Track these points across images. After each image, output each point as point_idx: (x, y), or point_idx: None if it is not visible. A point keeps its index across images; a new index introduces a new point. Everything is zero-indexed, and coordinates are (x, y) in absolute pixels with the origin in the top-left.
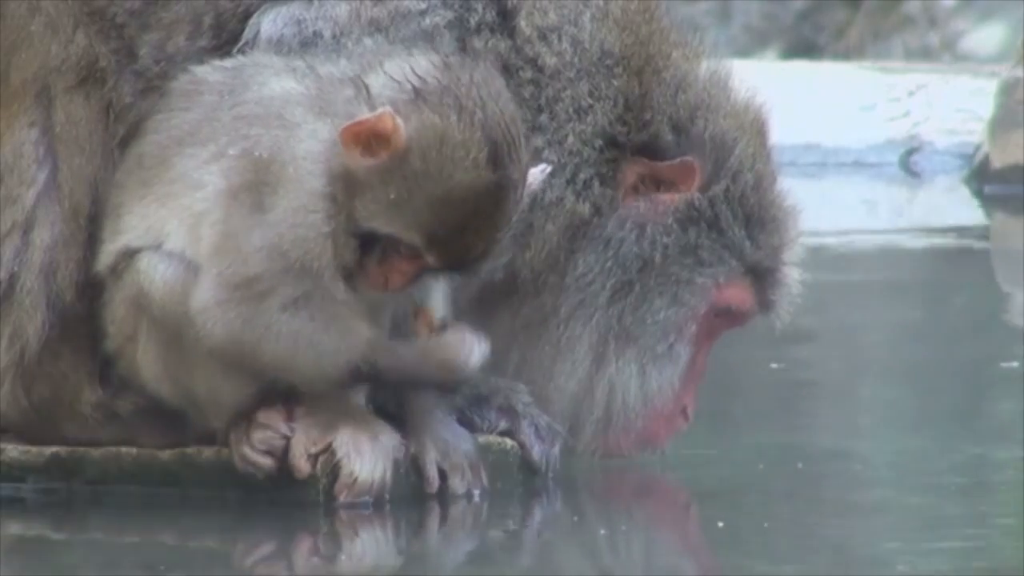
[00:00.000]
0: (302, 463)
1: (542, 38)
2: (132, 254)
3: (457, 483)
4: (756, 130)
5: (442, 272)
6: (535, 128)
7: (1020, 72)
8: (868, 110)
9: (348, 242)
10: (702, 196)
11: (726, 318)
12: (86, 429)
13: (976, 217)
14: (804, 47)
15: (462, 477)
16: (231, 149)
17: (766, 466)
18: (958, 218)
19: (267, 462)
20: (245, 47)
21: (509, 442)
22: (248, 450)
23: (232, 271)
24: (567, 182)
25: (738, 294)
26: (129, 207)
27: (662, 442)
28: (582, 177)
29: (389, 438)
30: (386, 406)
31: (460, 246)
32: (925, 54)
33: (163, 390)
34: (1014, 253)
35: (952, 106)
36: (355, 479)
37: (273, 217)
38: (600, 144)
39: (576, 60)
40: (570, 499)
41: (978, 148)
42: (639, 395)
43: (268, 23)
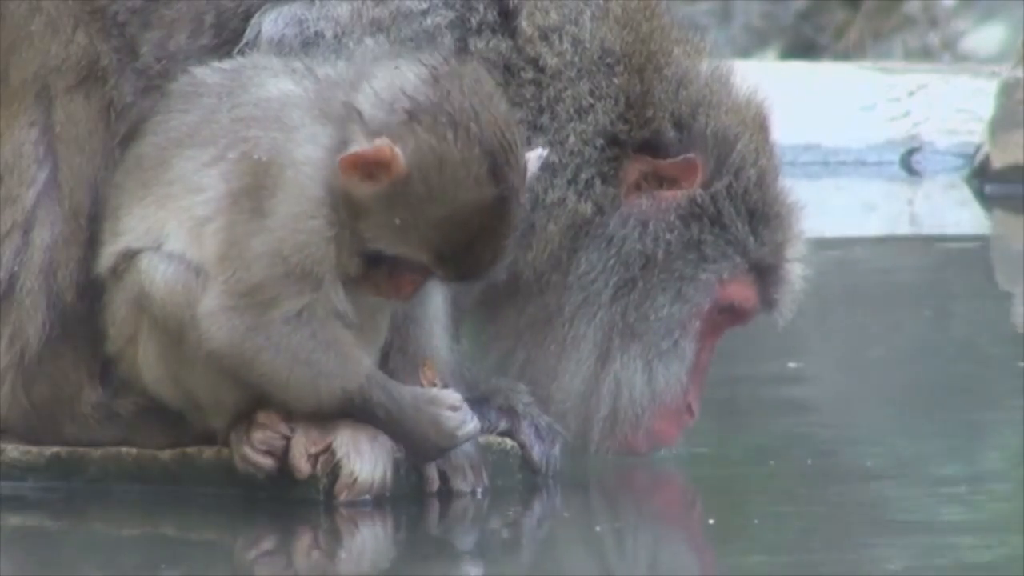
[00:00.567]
0: (302, 463)
1: (543, 38)
2: (132, 255)
3: (458, 483)
4: (758, 126)
5: (452, 282)
6: (536, 128)
7: (1020, 72)
8: (868, 110)
9: (354, 258)
10: (704, 192)
11: (730, 315)
12: (86, 429)
13: (976, 217)
14: (804, 47)
15: (463, 478)
16: (230, 152)
17: (775, 463)
18: (958, 218)
19: (267, 462)
20: (246, 47)
21: (509, 442)
22: (248, 450)
23: (236, 278)
24: (569, 182)
25: (741, 290)
26: (128, 208)
27: (671, 439)
28: (584, 177)
29: (389, 438)
30: None
31: (469, 259)
32: (925, 54)
33: (163, 391)
34: (1014, 253)
35: (952, 106)
36: (355, 479)
37: (273, 222)
38: (602, 143)
39: (577, 59)
40: (570, 498)
41: (978, 148)
42: (645, 392)
43: (269, 23)
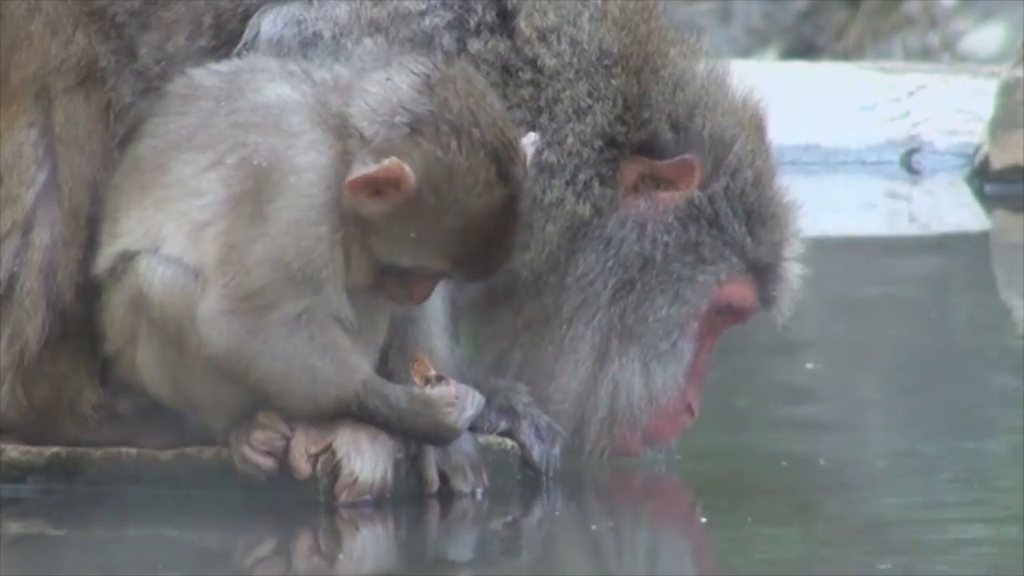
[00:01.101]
0: (302, 463)
1: (541, 39)
2: (130, 257)
3: (458, 484)
4: (754, 126)
5: (469, 282)
6: (534, 129)
7: (1020, 72)
8: (868, 110)
9: (365, 270)
10: (702, 193)
11: (728, 315)
12: (86, 429)
13: (976, 217)
14: (804, 47)
15: (464, 478)
16: (229, 157)
17: (774, 463)
18: (958, 218)
19: (267, 462)
20: (245, 47)
21: (509, 442)
22: (248, 450)
23: (236, 283)
24: (567, 183)
25: (740, 291)
26: (126, 211)
27: (668, 439)
28: (582, 178)
29: (389, 438)
30: None
31: (487, 260)
32: (925, 54)
33: (162, 392)
34: (1014, 253)
35: (952, 106)
36: (355, 479)
37: (275, 228)
38: (599, 144)
39: (575, 61)
40: (570, 499)
41: (978, 148)
42: (643, 393)
43: (268, 23)
